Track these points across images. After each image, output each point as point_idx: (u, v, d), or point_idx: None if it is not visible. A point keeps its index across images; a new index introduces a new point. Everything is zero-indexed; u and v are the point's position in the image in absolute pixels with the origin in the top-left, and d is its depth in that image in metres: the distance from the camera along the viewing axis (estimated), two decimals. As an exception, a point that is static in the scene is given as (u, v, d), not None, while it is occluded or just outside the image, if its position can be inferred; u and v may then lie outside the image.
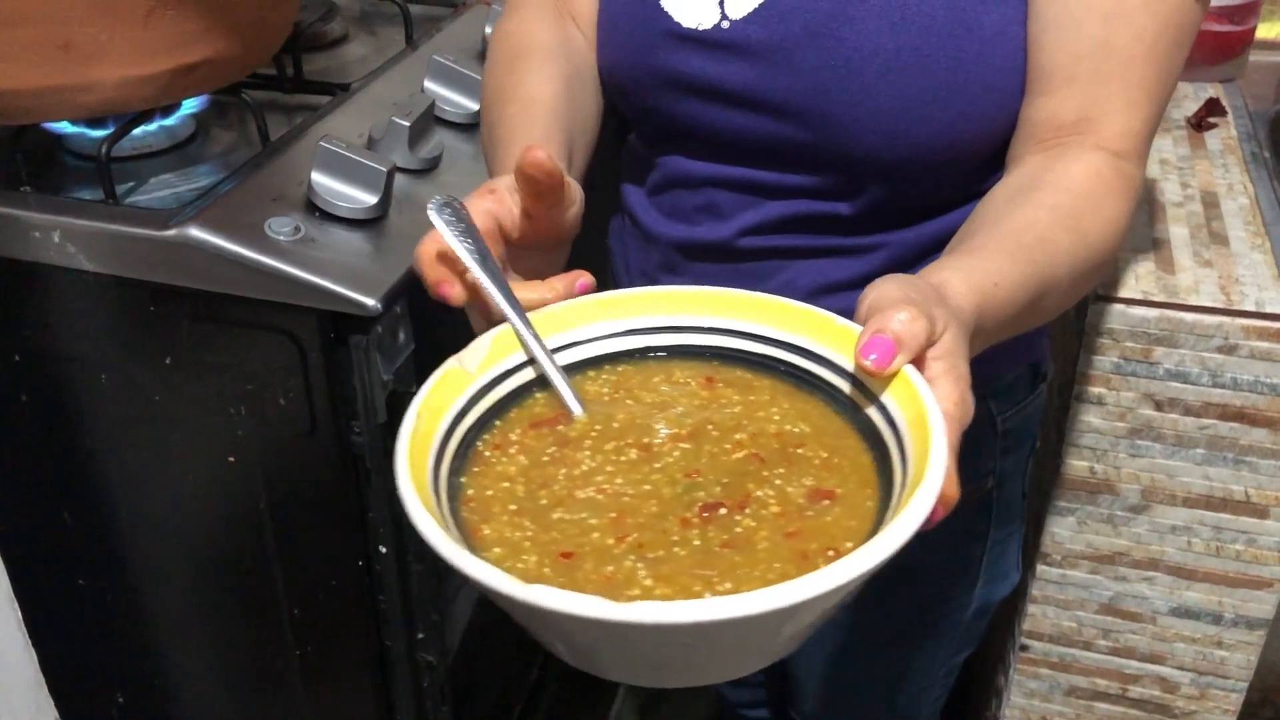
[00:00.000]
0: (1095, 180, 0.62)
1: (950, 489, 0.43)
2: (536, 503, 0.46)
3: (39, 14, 0.72)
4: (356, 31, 1.12)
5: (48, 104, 0.77)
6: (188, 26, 0.78)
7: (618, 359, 0.53)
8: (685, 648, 0.38)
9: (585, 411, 0.50)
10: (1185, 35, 0.63)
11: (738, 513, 0.44)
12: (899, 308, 0.45)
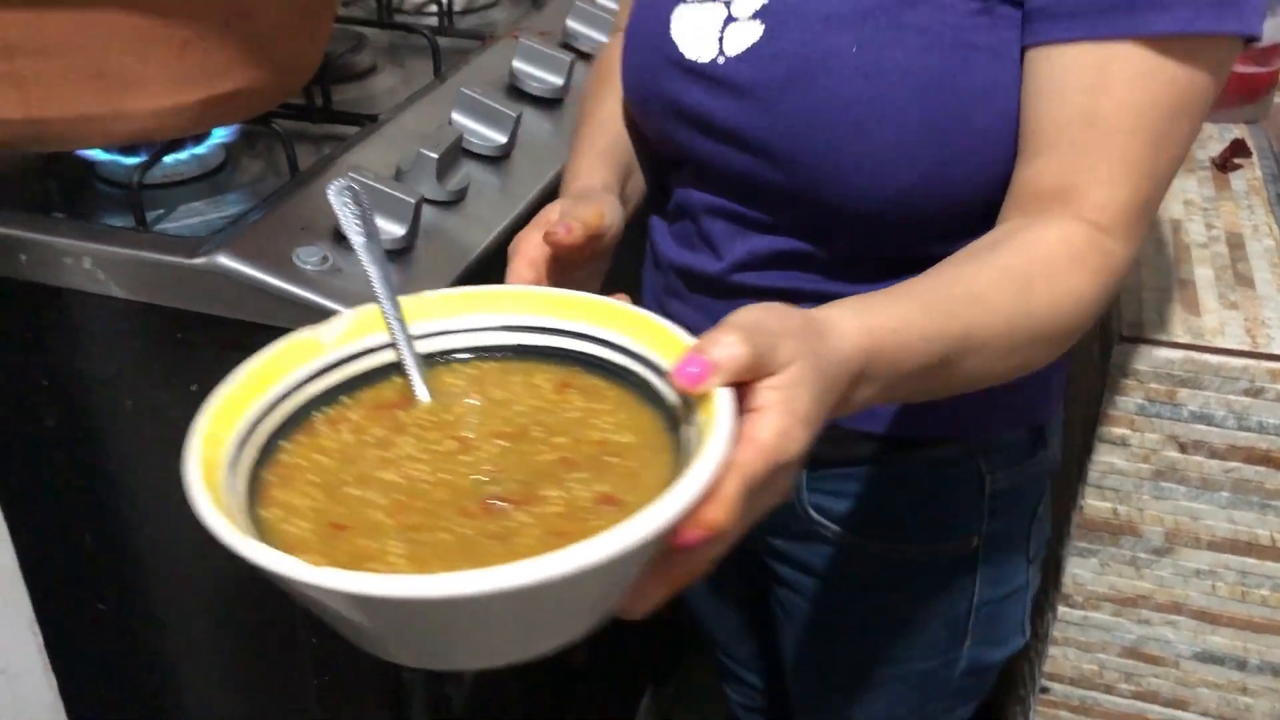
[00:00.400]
0: (1063, 248, 0.60)
1: (715, 515, 0.42)
2: (338, 477, 0.46)
3: (75, 43, 0.73)
4: (385, 63, 1.13)
5: (82, 132, 0.78)
6: (221, 57, 0.79)
7: (490, 353, 0.53)
8: (395, 622, 0.38)
9: (431, 400, 0.51)
10: (1186, 109, 0.60)
11: (518, 509, 0.44)
12: (729, 333, 0.45)
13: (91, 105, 0.76)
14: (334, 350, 0.51)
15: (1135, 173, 0.60)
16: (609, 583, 0.40)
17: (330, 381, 0.51)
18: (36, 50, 0.73)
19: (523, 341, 0.53)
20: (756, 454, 0.44)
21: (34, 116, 0.76)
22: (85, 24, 0.72)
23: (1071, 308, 0.60)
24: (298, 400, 0.49)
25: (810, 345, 0.48)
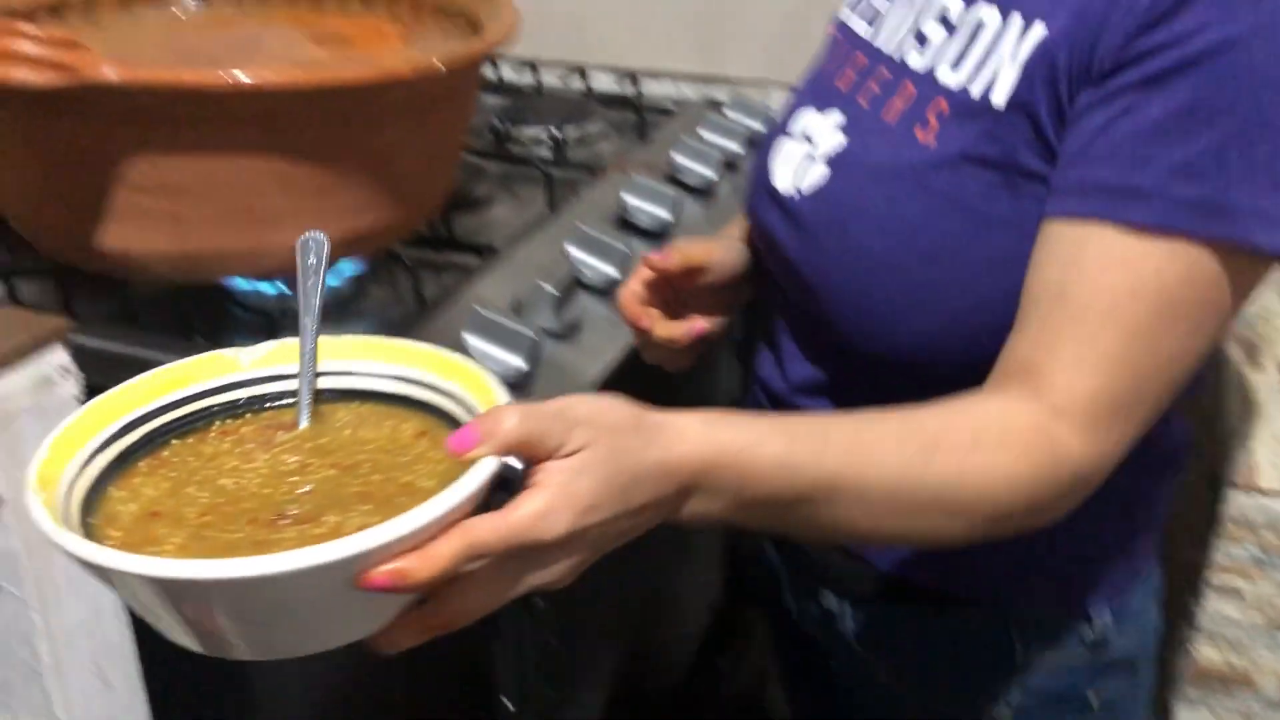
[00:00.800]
0: (997, 423, 0.57)
1: (411, 566, 0.43)
2: (191, 476, 0.52)
3: (229, 185, 0.78)
4: (500, 193, 1.18)
5: (228, 264, 0.83)
6: (359, 197, 0.84)
7: (380, 398, 0.57)
8: (138, 599, 0.44)
9: (308, 427, 0.55)
10: (1179, 310, 0.57)
11: (293, 526, 0.48)
12: (514, 411, 0.47)
13: (239, 241, 0.81)
14: (250, 371, 0.57)
15: (1107, 363, 0.57)
16: (298, 598, 0.43)
17: (240, 396, 0.56)
18: (194, 191, 0.78)
19: (410, 393, 0.57)
20: (495, 525, 0.45)
21: (188, 250, 0.81)
22: (239, 169, 0.78)
23: (987, 486, 0.57)
24: (201, 405, 0.55)
25: (616, 439, 0.49)
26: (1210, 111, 0.54)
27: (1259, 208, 0.55)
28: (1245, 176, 0.55)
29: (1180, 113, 0.55)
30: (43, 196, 0.82)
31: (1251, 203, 0.55)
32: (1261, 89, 0.54)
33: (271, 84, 0.73)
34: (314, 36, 0.98)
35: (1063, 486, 0.58)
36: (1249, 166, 0.55)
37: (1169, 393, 0.59)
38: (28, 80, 0.68)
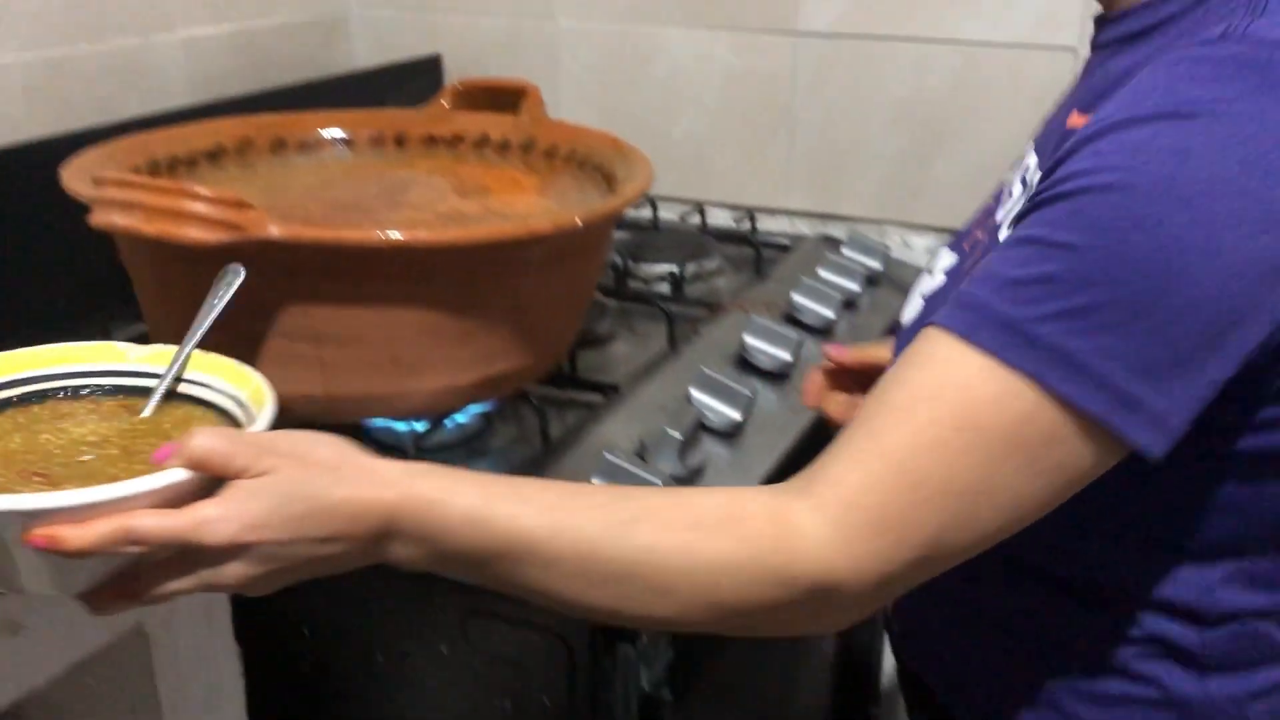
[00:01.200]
0: (733, 507, 0.56)
1: (67, 534, 0.50)
2: (33, 424, 0.63)
3: (376, 335, 0.81)
4: (621, 330, 1.21)
5: (369, 407, 0.86)
6: (497, 344, 0.86)
7: (214, 409, 0.66)
8: None
9: (146, 416, 0.64)
10: (990, 435, 0.53)
11: (36, 482, 0.56)
12: (210, 433, 0.54)
13: (381, 385, 0.84)
14: (134, 364, 0.67)
15: (882, 462, 0.53)
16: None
17: (122, 382, 0.67)
18: (341, 339, 0.81)
19: (234, 411, 0.65)
20: (158, 520, 0.51)
21: (332, 394, 0.84)
22: (385, 318, 0.81)
23: (694, 567, 0.54)
24: (84, 381, 0.66)
25: (301, 472, 0.54)
26: (1052, 244, 0.53)
27: (1067, 350, 0.51)
28: (1062, 312, 0.52)
29: (1029, 239, 0.54)
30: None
31: (1061, 342, 0.51)
32: (1110, 237, 0.51)
33: (424, 242, 0.77)
34: (456, 187, 1.02)
35: (797, 588, 0.54)
36: (1066, 303, 0.52)
37: (981, 532, 0.54)
38: (199, 239, 0.72)
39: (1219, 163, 0.50)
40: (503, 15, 1.56)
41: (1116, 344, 0.51)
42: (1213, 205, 0.50)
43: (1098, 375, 0.51)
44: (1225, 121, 0.51)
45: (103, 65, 1.27)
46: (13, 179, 1.07)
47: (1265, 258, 0.51)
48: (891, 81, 1.38)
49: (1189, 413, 0.53)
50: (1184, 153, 0.50)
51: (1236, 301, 0.51)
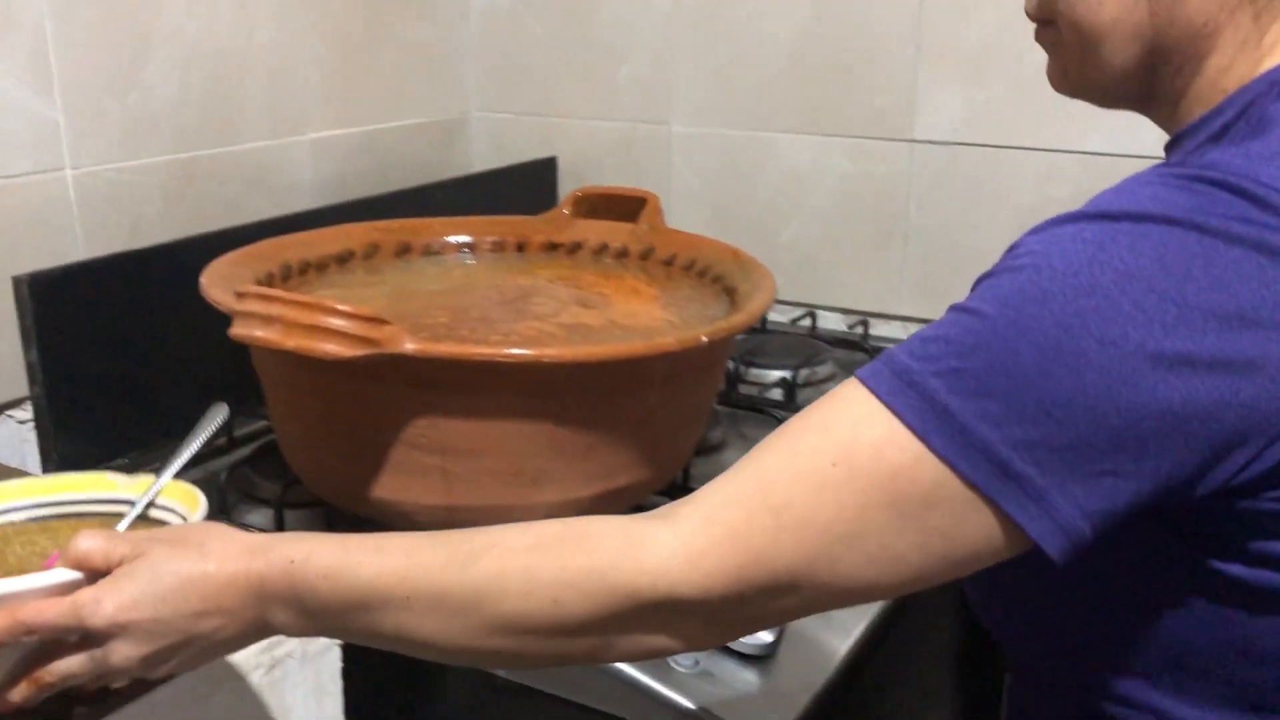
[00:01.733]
0: (570, 526, 0.56)
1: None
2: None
3: (501, 447, 0.82)
4: (732, 437, 1.19)
5: (491, 518, 0.85)
6: (618, 458, 0.86)
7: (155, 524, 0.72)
8: None
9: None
10: (863, 481, 0.51)
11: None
12: (89, 535, 0.59)
13: (503, 497, 0.84)
14: (121, 493, 0.74)
15: (754, 479, 0.53)
16: None
17: (115, 509, 0.73)
18: (466, 451, 0.82)
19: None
20: (41, 607, 0.56)
21: (453, 504, 0.84)
22: (510, 431, 0.81)
23: (528, 587, 0.53)
24: (77, 509, 0.74)
25: (164, 550, 0.58)
26: (964, 309, 0.52)
27: (949, 407, 0.50)
28: (950, 370, 0.50)
29: (953, 306, 0.53)
30: (325, 445, 0.87)
31: (944, 399, 0.50)
32: (1012, 309, 0.50)
33: (552, 358, 0.77)
34: (577, 296, 1.02)
35: (641, 600, 0.53)
36: (957, 362, 0.50)
37: (848, 577, 0.52)
38: (337, 354, 0.73)
39: (1134, 258, 0.49)
40: (618, 120, 1.58)
41: (1000, 412, 0.49)
42: (1119, 297, 0.48)
43: (979, 441, 0.49)
44: (1153, 225, 0.50)
45: (235, 166, 1.32)
46: (148, 279, 1.11)
47: (1179, 363, 0.48)
48: (1013, 190, 1.36)
49: (1091, 518, 0.50)
50: (1101, 245, 0.50)
51: (1143, 404, 0.48)
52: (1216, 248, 0.49)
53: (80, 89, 1.14)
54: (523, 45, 1.62)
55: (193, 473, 1.08)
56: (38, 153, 1.11)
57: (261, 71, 1.33)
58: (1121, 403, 0.48)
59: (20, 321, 1.01)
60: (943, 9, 1.34)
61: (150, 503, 0.72)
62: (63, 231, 1.14)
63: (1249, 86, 0.57)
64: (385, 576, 0.56)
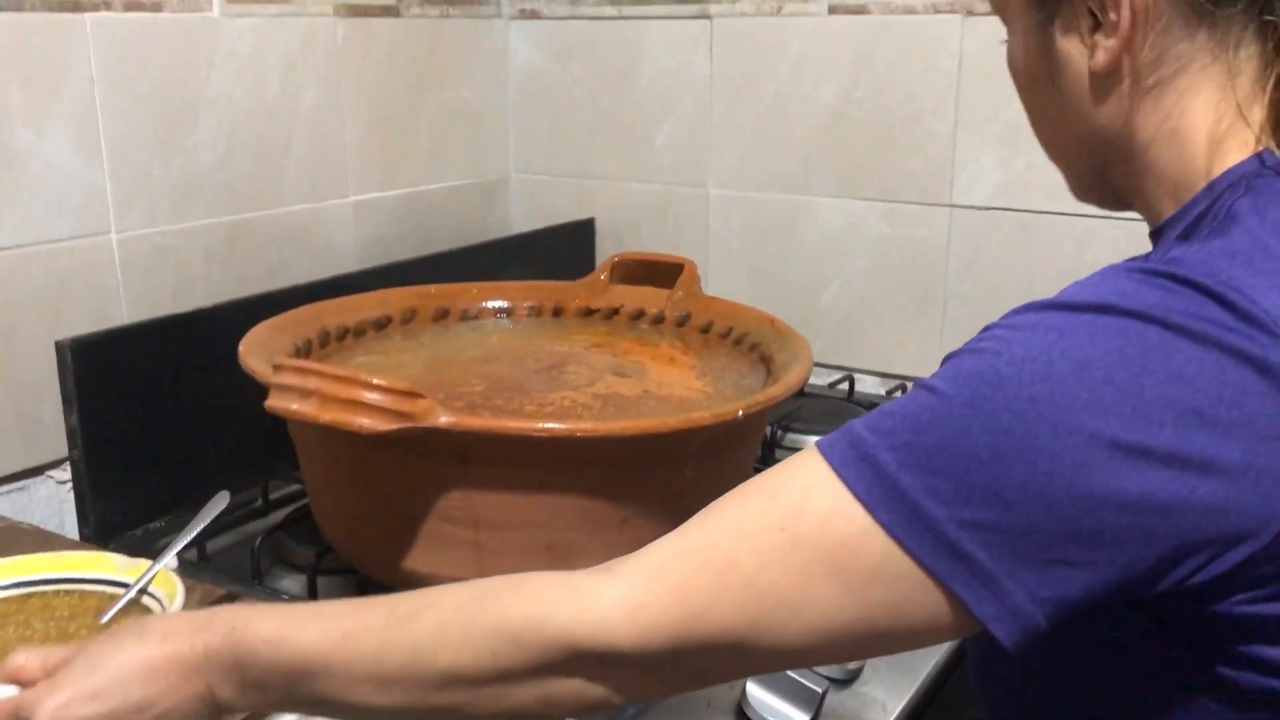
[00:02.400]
0: (512, 578, 0.56)
1: None
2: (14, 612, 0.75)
3: (533, 521, 0.81)
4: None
5: (522, 593, 0.85)
6: (653, 532, 0.83)
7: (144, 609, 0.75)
8: None
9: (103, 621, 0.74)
10: (809, 551, 0.50)
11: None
12: (24, 652, 0.61)
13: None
14: (119, 575, 0.76)
15: (701, 536, 0.53)
16: None
17: (113, 589, 0.76)
18: (499, 525, 0.81)
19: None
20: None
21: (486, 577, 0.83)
22: (544, 505, 0.81)
23: (463, 640, 0.53)
24: (77, 586, 0.77)
25: (97, 645, 0.58)
26: (924, 386, 0.51)
27: (898, 482, 0.49)
28: (902, 444, 0.49)
29: (916, 383, 0.52)
30: (358, 515, 0.87)
31: (894, 472, 0.49)
32: (969, 389, 0.49)
33: (586, 433, 0.77)
34: (612, 365, 1.02)
35: (577, 650, 0.52)
36: (910, 437, 0.49)
37: (789, 643, 0.51)
38: (371, 428, 0.73)
39: (1093, 348, 0.49)
40: (655, 182, 1.59)
41: (950, 490, 0.48)
42: (1075, 385, 0.48)
43: (928, 518, 0.49)
44: (1114, 317, 0.49)
45: (277, 228, 1.33)
46: (189, 343, 1.12)
47: (1135, 454, 0.47)
48: (1051, 255, 1.35)
49: (1044, 605, 0.49)
50: (1061, 333, 0.49)
51: (1098, 494, 0.47)
52: (1176, 343, 0.48)
53: (127, 153, 1.16)
54: (562, 108, 1.63)
55: (227, 537, 1.09)
56: (84, 217, 1.13)
57: (305, 135, 1.35)
58: (1075, 491, 0.48)
59: (62, 386, 1.02)
60: (981, 74, 1.34)
61: (143, 589, 0.72)
62: (107, 294, 1.16)
63: (1216, 182, 0.57)
64: (328, 639, 0.56)
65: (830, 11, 1.41)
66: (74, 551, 0.77)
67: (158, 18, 1.17)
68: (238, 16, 1.25)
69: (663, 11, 1.53)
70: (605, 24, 1.57)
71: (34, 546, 0.86)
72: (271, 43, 1.29)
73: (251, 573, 1.00)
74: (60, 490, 1.15)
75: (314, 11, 1.34)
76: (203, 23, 1.21)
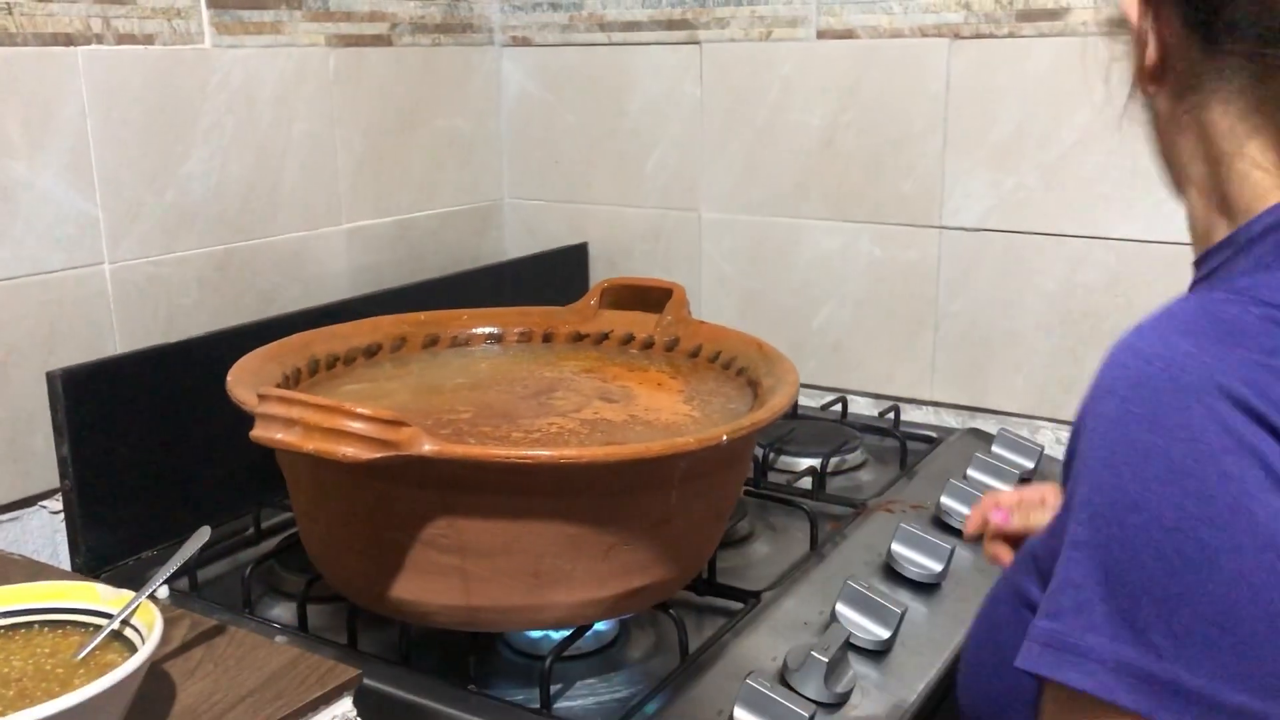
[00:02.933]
0: None
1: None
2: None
3: (520, 548, 0.81)
4: (759, 527, 1.18)
5: (510, 618, 0.85)
6: (639, 558, 0.85)
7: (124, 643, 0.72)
8: None
9: (79, 658, 0.71)
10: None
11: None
12: None
13: (522, 598, 0.83)
14: (102, 605, 0.74)
15: None
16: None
17: (90, 623, 0.74)
18: (485, 551, 0.81)
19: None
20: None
21: (472, 604, 0.83)
22: (530, 531, 0.81)
23: None
24: (61, 616, 0.74)
25: None
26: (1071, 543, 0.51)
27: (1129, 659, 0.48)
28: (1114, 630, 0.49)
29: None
30: (345, 544, 0.87)
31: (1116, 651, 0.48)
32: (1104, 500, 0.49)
33: (571, 459, 0.77)
34: (600, 390, 1.02)
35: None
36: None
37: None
38: (355, 457, 0.73)
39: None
40: (647, 206, 1.60)
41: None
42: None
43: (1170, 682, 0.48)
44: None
45: (270, 256, 1.34)
46: (180, 373, 1.12)
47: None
48: (1041, 276, 1.35)
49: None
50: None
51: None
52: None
53: (119, 184, 1.17)
54: (554, 134, 1.64)
55: (218, 565, 1.09)
56: (77, 248, 1.14)
57: (297, 163, 1.36)
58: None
59: (53, 416, 1.02)
60: (969, 97, 1.35)
61: (125, 621, 0.72)
62: (100, 324, 1.16)
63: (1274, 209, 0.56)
64: None
65: (818, 36, 1.42)
66: (58, 582, 0.77)
67: (150, 50, 1.18)
68: (230, 48, 1.26)
69: (653, 38, 1.54)
70: (596, 51, 1.58)
71: (24, 577, 0.86)
72: (264, 73, 1.30)
73: (243, 601, 1.00)
74: (53, 520, 1.16)
75: (305, 42, 1.35)
76: (194, 55, 1.23)
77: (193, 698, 0.74)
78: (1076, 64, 1.27)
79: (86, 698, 0.61)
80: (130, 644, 0.71)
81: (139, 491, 1.09)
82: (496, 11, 1.63)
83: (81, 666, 0.70)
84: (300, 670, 0.78)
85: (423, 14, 1.51)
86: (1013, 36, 1.31)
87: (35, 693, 0.67)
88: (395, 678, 0.88)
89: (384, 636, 0.95)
